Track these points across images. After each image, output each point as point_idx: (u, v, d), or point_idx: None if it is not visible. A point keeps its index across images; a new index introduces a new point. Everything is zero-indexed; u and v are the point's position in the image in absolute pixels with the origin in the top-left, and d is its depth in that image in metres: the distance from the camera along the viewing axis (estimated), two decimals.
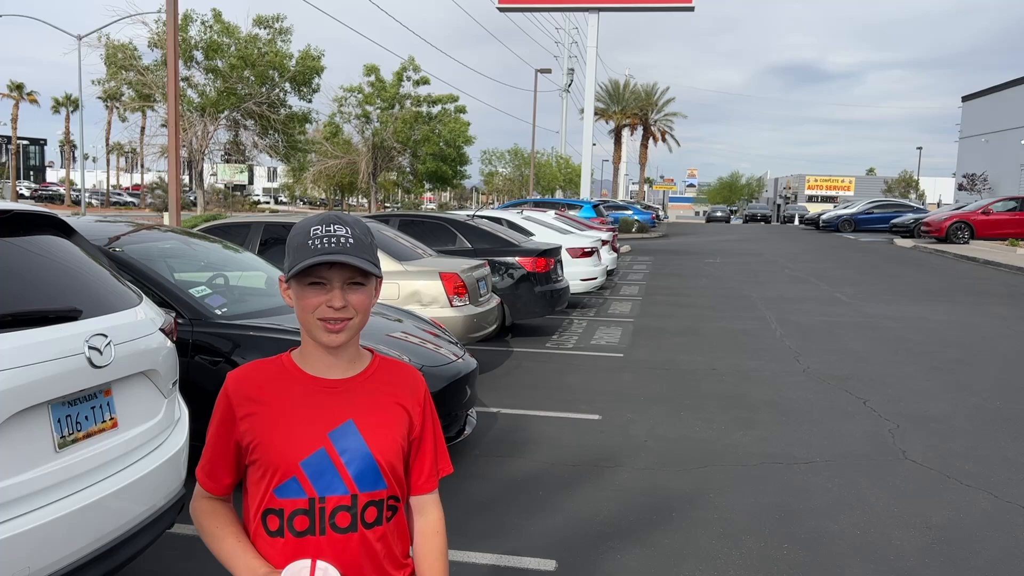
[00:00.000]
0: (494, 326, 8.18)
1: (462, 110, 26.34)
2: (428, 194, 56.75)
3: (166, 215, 15.49)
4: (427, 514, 1.77)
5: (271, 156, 21.21)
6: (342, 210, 26.30)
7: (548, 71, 44.82)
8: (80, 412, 2.77)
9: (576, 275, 11.84)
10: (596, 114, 42.82)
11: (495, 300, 8.43)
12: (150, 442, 3.14)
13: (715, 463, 5.50)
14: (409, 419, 1.71)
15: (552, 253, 10.12)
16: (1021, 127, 35.61)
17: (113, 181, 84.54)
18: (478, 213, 12.28)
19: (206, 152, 19.46)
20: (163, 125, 21.55)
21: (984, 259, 21.69)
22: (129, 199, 68.30)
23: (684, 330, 10.89)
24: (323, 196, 66.65)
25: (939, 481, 5.20)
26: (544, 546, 4.14)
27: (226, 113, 18.55)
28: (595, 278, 12.75)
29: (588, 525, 4.41)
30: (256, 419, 1.62)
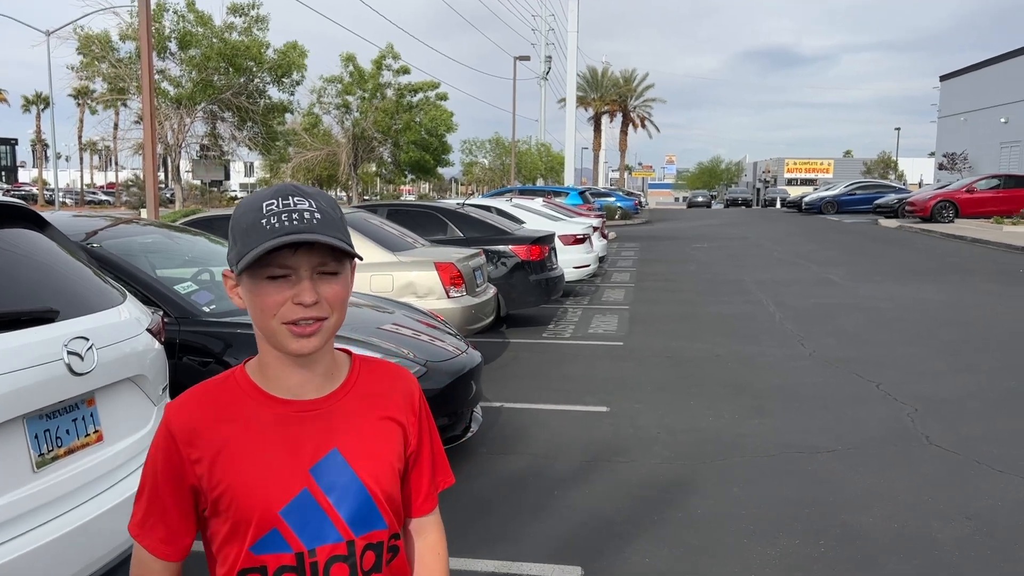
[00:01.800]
0: (491, 317, 7.90)
1: (443, 97, 25.93)
2: (407, 186, 56.15)
3: (143, 212, 15.05)
4: (426, 535, 1.46)
5: (250, 148, 20.71)
6: None
7: (527, 58, 44.43)
8: (60, 426, 2.46)
9: (569, 263, 11.58)
10: (575, 101, 42.46)
11: (492, 290, 8.15)
12: (140, 455, 2.83)
13: (733, 455, 5.25)
14: (404, 434, 1.37)
15: (546, 241, 9.84)
16: (999, 105, 35.68)
17: (87, 179, 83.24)
18: (468, 201, 11.98)
19: (183, 146, 18.97)
20: (137, 121, 21.04)
21: (972, 237, 21.65)
22: (104, 197, 67.19)
23: (681, 316, 10.66)
24: None
25: (968, 467, 4.98)
26: (565, 551, 3.87)
27: (203, 105, 18.04)
28: (588, 265, 12.49)
29: (610, 526, 4.15)
30: (216, 463, 1.26)
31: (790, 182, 78.74)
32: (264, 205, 1.20)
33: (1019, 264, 16.44)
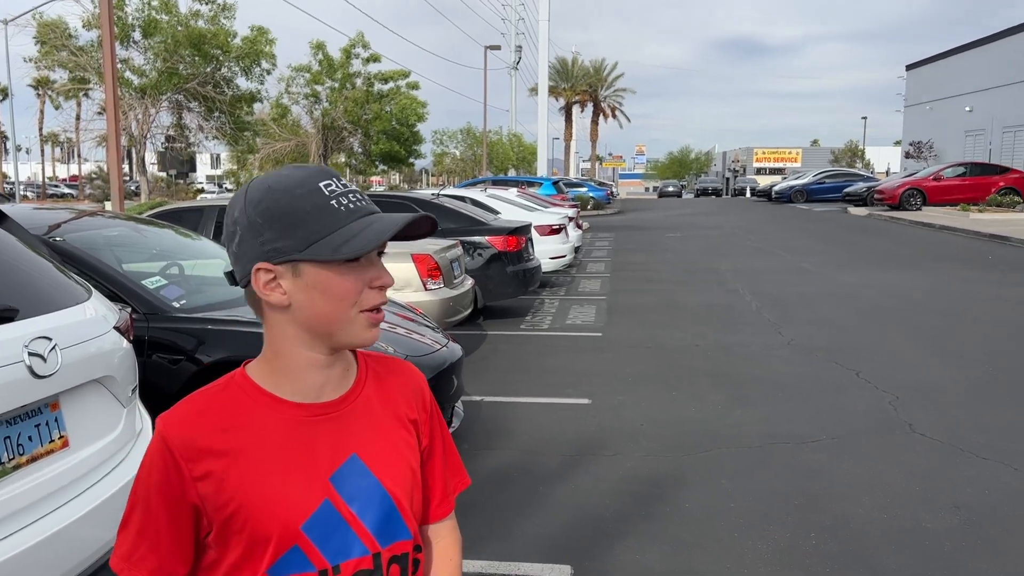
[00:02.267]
0: (469, 309, 7.78)
1: (414, 86, 25.63)
2: (376, 177, 55.64)
3: (108, 205, 14.69)
4: (440, 539, 1.35)
5: (218, 139, 20.27)
6: None
7: (497, 48, 44.16)
8: (22, 432, 2.30)
9: (545, 253, 11.47)
10: (547, 91, 42.21)
11: (470, 282, 8.02)
12: (109, 460, 2.68)
13: (719, 446, 5.18)
14: (417, 434, 1.27)
15: (523, 231, 9.71)
16: (964, 94, 36.13)
17: (49, 172, 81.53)
18: (442, 192, 11.82)
19: (148, 137, 18.51)
20: (100, 111, 20.55)
21: (940, 224, 21.88)
22: (67, 190, 65.83)
23: (659, 306, 10.60)
24: None
25: (954, 455, 4.95)
26: (553, 549, 3.77)
27: (168, 95, 17.62)
28: (564, 256, 12.39)
29: (598, 523, 4.05)
30: (225, 478, 1.11)
31: (759, 171, 79.26)
32: (322, 186, 1.10)
33: (988, 251, 16.63)
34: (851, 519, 4.06)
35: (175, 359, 4.21)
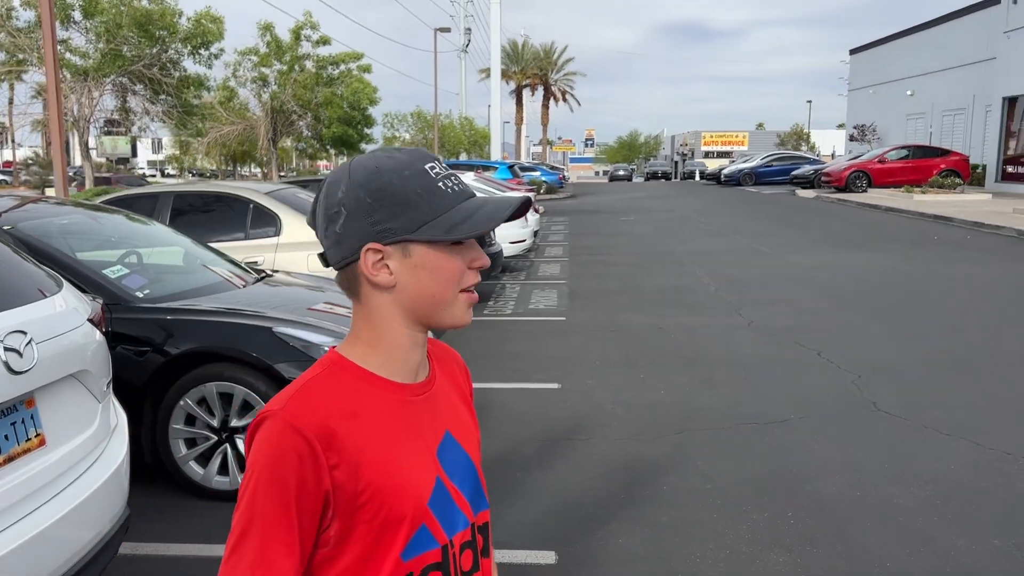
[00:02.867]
0: None
1: (366, 69, 25.21)
2: (324, 161, 54.74)
3: (50, 192, 14.18)
4: None
5: (164, 122, 19.65)
6: (235, 181, 24.96)
7: (447, 30, 43.77)
8: None
9: (506, 238, 11.42)
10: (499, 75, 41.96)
11: None
12: (86, 458, 2.58)
13: (691, 428, 5.22)
14: (472, 408, 1.33)
15: None
16: (906, 78, 36.93)
17: None
18: None
19: (91, 121, 17.85)
20: (34, 96, 19.80)
21: (886, 206, 22.38)
22: (1, 177, 63.54)
23: (619, 289, 10.64)
24: (213, 167, 63.66)
25: (918, 432, 5.07)
26: (536, 536, 3.75)
27: (112, 77, 17.01)
28: (524, 240, 12.36)
29: (579, 508, 4.05)
30: (360, 464, 1.07)
31: (707, 155, 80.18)
32: (427, 168, 1.11)
33: (933, 231, 17.07)
34: (826, 497, 4.13)
35: (141, 351, 4.07)
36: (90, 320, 2.69)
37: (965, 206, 21.32)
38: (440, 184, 1.10)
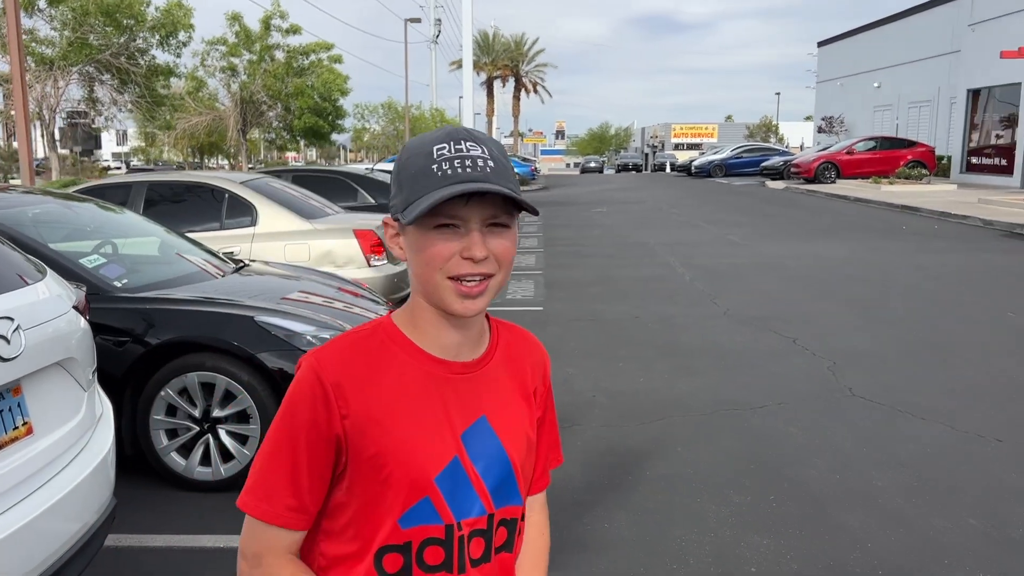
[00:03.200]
0: None
1: (337, 59, 24.98)
2: (293, 153, 54.18)
3: (15, 183, 13.87)
4: (534, 512, 1.37)
5: (133, 112, 19.30)
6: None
7: (417, 21, 43.51)
8: None
9: None
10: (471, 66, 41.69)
11: None
12: (73, 447, 2.54)
13: (671, 414, 5.27)
14: (535, 403, 1.30)
15: None
16: (873, 71, 37.39)
17: None
18: (376, 166, 11.61)
19: (57, 111, 17.47)
20: None
21: (854, 197, 22.68)
22: None
23: (595, 280, 10.69)
24: (180, 159, 62.69)
25: (894, 416, 5.16)
26: None
27: (79, 67, 16.67)
28: None
29: (563, 494, 4.06)
30: (369, 421, 1.14)
31: (677, 147, 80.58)
32: (435, 149, 1.11)
33: (901, 221, 17.33)
34: (806, 481, 4.19)
35: (121, 341, 4.01)
36: (75, 307, 2.66)
37: (932, 196, 21.67)
38: (434, 166, 1.09)
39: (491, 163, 1.10)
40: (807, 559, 3.41)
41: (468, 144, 1.11)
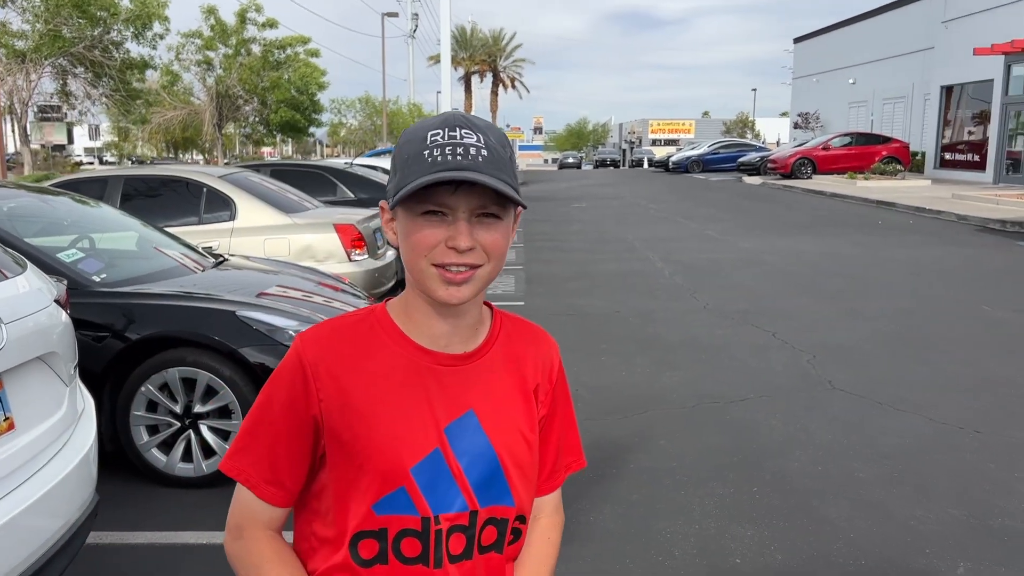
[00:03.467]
0: (393, 281, 7.64)
1: (314, 53, 24.80)
2: (268, 148, 53.69)
3: None
4: (543, 515, 1.33)
5: (107, 106, 18.99)
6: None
7: (395, 15, 43.33)
8: None
9: None
10: (450, 60, 41.54)
11: (392, 252, 7.87)
12: (54, 443, 2.50)
13: (653, 407, 5.29)
14: (537, 402, 1.26)
15: None
16: (848, 67, 37.73)
17: None
18: (355, 161, 11.54)
19: (29, 104, 17.16)
20: None
21: (831, 192, 22.88)
22: None
23: (575, 275, 10.70)
24: (154, 154, 61.93)
25: (874, 408, 5.21)
26: None
27: (52, 59, 16.38)
28: None
29: None
30: (347, 405, 1.14)
31: (654, 142, 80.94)
32: (429, 135, 1.09)
33: (877, 216, 17.51)
34: (788, 472, 4.22)
35: (100, 336, 3.96)
36: (56, 301, 2.61)
37: (907, 192, 21.92)
38: (425, 152, 1.07)
39: (484, 152, 1.08)
40: (791, 550, 3.43)
41: (463, 131, 1.09)
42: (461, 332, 1.18)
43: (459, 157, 1.06)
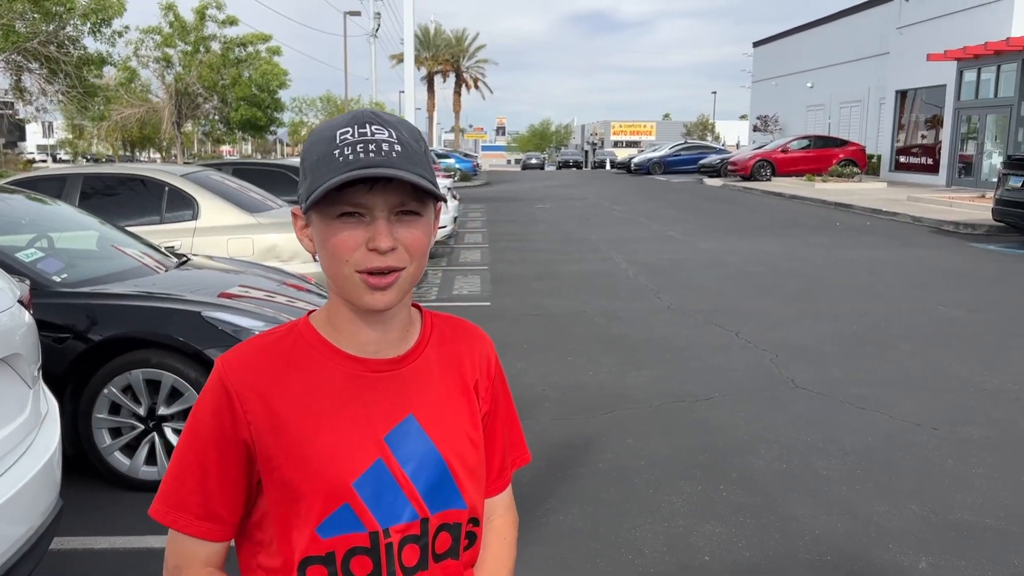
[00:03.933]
0: None
1: (275, 51, 24.51)
2: (228, 147, 52.92)
3: None
4: (497, 516, 1.31)
5: (64, 104, 18.56)
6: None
7: (357, 14, 43.07)
8: None
9: None
10: (413, 60, 41.32)
11: None
12: (18, 447, 2.44)
13: (620, 407, 5.32)
14: (478, 399, 1.22)
15: None
16: (806, 71, 38.35)
17: None
18: None
19: None
20: None
21: (790, 194, 23.22)
22: None
23: (541, 275, 10.73)
24: (110, 152, 60.72)
25: (836, 407, 5.30)
26: None
27: (4, 55, 15.97)
28: (445, 226, 12.30)
29: (516, 487, 4.02)
30: (279, 426, 1.08)
31: (616, 144, 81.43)
32: (338, 134, 1.04)
33: (835, 218, 17.81)
34: (754, 470, 4.28)
35: (61, 337, 3.88)
36: (19, 302, 2.55)
37: (863, 194, 22.34)
38: (336, 151, 1.02)
39: (398, 147, 1.03)
40: (758, 546, 3.48)
41: (374, 128, 1.04)
42: (391, 337, 1.14)
43: (372, 154, 1.01)
